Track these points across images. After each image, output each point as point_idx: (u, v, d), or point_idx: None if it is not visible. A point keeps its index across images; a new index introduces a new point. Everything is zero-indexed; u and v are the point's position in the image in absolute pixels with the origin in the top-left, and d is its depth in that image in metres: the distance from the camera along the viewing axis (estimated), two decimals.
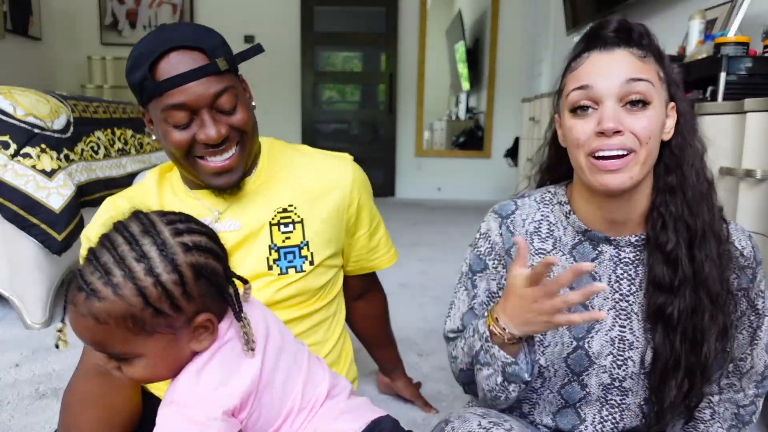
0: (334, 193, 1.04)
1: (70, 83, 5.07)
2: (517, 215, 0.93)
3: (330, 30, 5.48)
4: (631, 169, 0.78)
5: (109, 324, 0.64)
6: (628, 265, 0.88)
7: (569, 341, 0.88)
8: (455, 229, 3.90)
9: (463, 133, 6.31)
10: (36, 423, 1.35)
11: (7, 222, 1.86)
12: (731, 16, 1.97)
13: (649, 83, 0.78)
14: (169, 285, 0.65)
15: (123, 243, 0.66)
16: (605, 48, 0.81)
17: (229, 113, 0.91)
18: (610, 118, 0.77)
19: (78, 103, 2.25)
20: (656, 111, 0.79)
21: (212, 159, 0.92)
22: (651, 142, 0.78)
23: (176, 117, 0.88)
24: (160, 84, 0.87)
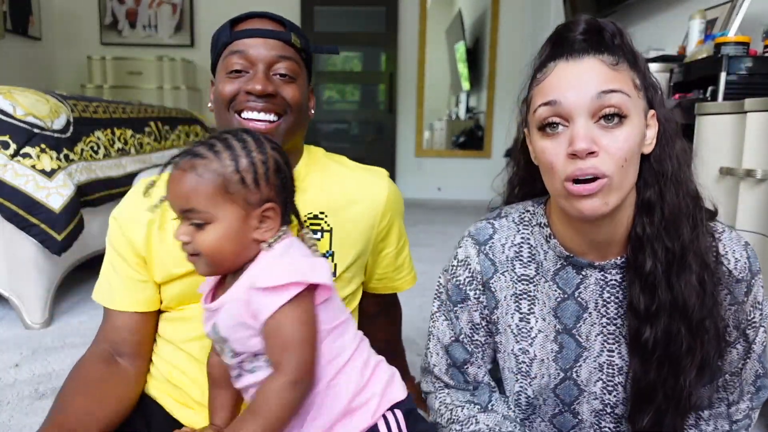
0: (367, 208, 1.02)
1: (70, 83, 5.06)
2: (495, 240, 0.87)
3: (330, 30, 5.48)
4: (607, 195, 0.71)
5: (203, 178, 0.74)
6: (615, 288, 0.82)
7: (556, 372, 0.84)
8: (455, 229, 3.90)
9: (463, 133, 6.31)
10: (36, 423, 1.35)
11: (6, 222, 1.86)
12: (731, 15, 1.97)
13: (624, 94, 0.71)
14: (257, 161, 0.77)
15: (228, 135, 0.78)
16: (572, 56, 0.73)
17: (285, 82, 0.92)
18: (582, 138, 0.69)
19: (78, 103, 2.25)
20: (634, 125, 0.71)
21: (249, 114, 0.90)
22: (628, 163, 0.71)
23: (233, 63, 0.90)
24: (236, 32, 0.92)
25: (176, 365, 0.94)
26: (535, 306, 0.85)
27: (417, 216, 4.45)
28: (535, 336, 0.85)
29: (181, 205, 0.76)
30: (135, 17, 5.25)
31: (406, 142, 5.61)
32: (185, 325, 0.94)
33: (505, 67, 5.42)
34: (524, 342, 0.85)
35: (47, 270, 1.97)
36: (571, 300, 0.83)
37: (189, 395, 0.92)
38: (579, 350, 0.84)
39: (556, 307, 0.84)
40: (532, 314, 0.85)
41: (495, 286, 0.86)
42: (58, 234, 1.85)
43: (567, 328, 0.84)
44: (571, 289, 0.83)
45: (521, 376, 0.86)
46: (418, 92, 5.55)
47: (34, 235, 1.85)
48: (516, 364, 0.86)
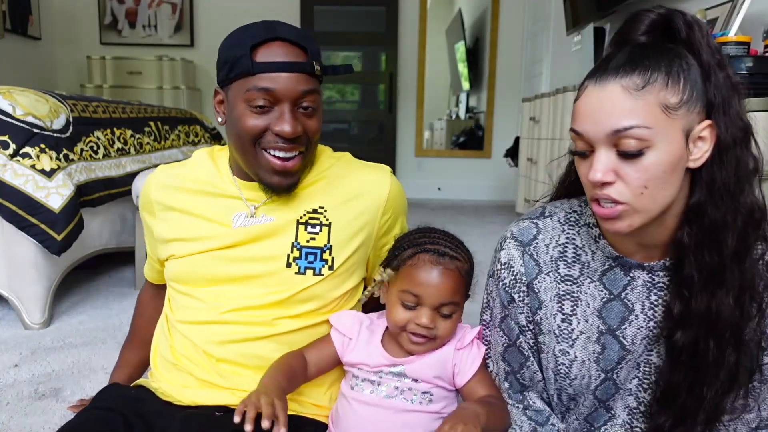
0: (369, 203, 1.03)
1: (70, 83, 5.06)
2: (539, 240, 0.86)
3: (330, 30, 5.48)
4: (627, 218, 0.72)
5: (462, 277, 0.92)
6: (663, 290, 0.81)
7: (597, 374, 0.84)
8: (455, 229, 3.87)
9: (463, 132, 6.30)
10: (35, 423, 1.34)
11: (6, 222, 1.85)
12: (732, 15, 1.97)
13: (642, 128, 0.68)
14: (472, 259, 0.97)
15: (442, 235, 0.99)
16: (599, 80, 0.71)
17: (307, 115, 0.93)
18: (597, 170, 0.71)
19: (77, 103, 2.25)
20: (661, 150, 0.69)
21: (277, 153, 0.92)
22: (649, 190, 0.70)
23: (260, 100, 0.90)
24: (257, 65, 0.89)
25: (179, 350, 0.98)
26: (577, 307, 0.85)
27: (417, 216, 4.43)
28: (577, 337, 0.85)
29: (445, 300, 0.90)
30: (135, 17, 5.25)
31: (406, 142, 5.60)
32: (188, 307, 0.99)
33: (505, 67, 5.42)
34: (565, 343, 0.86)
35: (47, 270, 1.96)
36: (617, 301, 0.83)
37: (192, 375, 0.96)
38: (623, 353, 0.83)
39: (601, 308, 0.84)
40: (574, 315, 0.85)
41: (539, 287, 0.87)
42: (57, 234, 1.85)
43: (611, 329, 0.84)
44: (618, 290, 0.83)
45: (560, 377, 0.86)
46: (418, 92, 5.54)
47: (33, 235, 1.85)
48: (555, 365, 0.86)
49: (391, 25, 5.39)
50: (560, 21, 3.99)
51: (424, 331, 0.90)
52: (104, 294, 2.30)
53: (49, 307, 2.00)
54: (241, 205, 1.00)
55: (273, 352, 0.96)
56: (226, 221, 0.99)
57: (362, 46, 5.75)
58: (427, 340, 0.91)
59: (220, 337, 0.96)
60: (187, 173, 1.05)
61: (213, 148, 1.10)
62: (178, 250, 1.00)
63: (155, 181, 1.07)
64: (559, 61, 4.37)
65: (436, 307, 0.90)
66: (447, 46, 6.88)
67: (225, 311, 0.96)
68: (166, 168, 1.09)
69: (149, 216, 1.07)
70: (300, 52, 0.92)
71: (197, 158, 1.08)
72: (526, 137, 3.79)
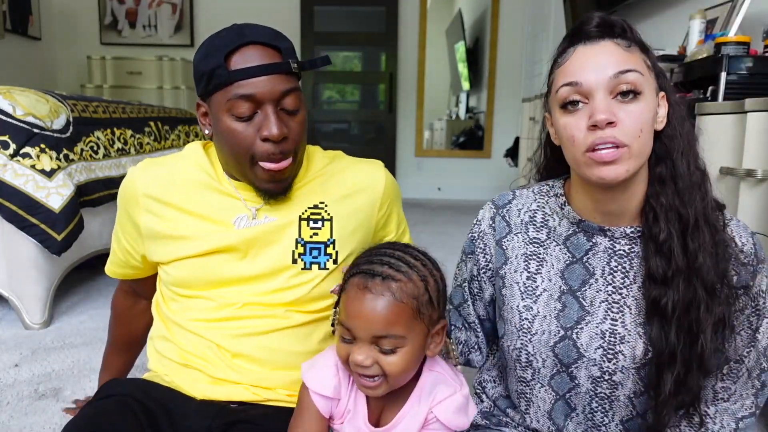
0: (366, 197, 1.05)
1: (70, 83, 5.06)
2: (512, 205, 0.96)
3: (330, 30, 5.48)
4: (626, 162, 0.78)
5: (402, 302, 0.76)
6: (623, 258, 0.87)
7: (556, 329, 0.88)
8: (455, 229, 3.89)
9: (463, 133, 6.31)
10: (35, 423, 1.35)
11: (6, 222, 1.85)
12: (732, 15, 1.97)
13: (638, 73, 0.78)
14: (438, 279, 0.83)
15: (395, 250, 0.82)
16: (590, 41, 0.81)
17: (291, 114, 0.93)
18: (602, 110, 0.76)
19: (77, 103, 2.25)
20: (647, 100, 0.79)
21: (270, 166, 0.92)
22: (644, 133, 0.78)
23: (241, 108, 0.89)
24: (233, 73, 0.88)
25: (188, 349, 0.98)
26: (542, 267, 0.92)
27: (417, 216, 4.45)
28: (540, 294, 0.91)
29: (378, 332, 0.76)
30: (135, 17, 5.25)
31: (406, 142, 5.60)
32: (198, 308, 0.99)
33: (505, 67, 5.42)
34: (529, 299, 0.91)
35: (47, 270, 1.97)
36: (579, 264, 0.89)
37: (203, 372, 0.96)
38: (581, 313, 0.88)
39: (564, 269, 0.90)
40: (539, 274, 0.92)
41: (507, 245, 0.95)
42: (57, 234, 1.85)
43: (572, 289, 0.89)
44: (581, 254, 0.89)
45: (523, 332, 0.91)
46: (418, 92, 5.54)
47: (33, 235, 1.85)
48: (519, 320, 0.92)
49: (391, 25, 5.39)
50: (560, 21, 3.99)
51: (360, 370, 0.77)
52: (104, 294, 2.30)
53: (49, 307, 2.00)
54: (241, 207, 0.99)
55: (289, 345, 0.97)
56: (228, 222, 0.98)
57: (362, 46, 5.75)
58: (378, 380, 0.78)
59: (235, 331, 0.96)
60: (180, 167, 1.03)
61: (205, 143, 1.07)
62: (177, 251, 0.99)
63: (142, 175, 1.02)
64: None
65: (371, 342, 0.77)
66: (447, 46, 6.88)
67: (239, 306, 0.97)
68: (154, 161, 1.05)
69: (134, 210, 1.02)
70: (274, 53, 0.91)
71: (190, 151, 1.05)
72: (526, 137, 3.79)
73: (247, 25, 0.93)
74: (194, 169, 1.02)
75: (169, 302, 1.04)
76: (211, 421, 0.91)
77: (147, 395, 0.94)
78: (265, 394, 0.96)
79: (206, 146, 1.06)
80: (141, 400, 0.93)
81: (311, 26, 5.33)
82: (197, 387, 0.96)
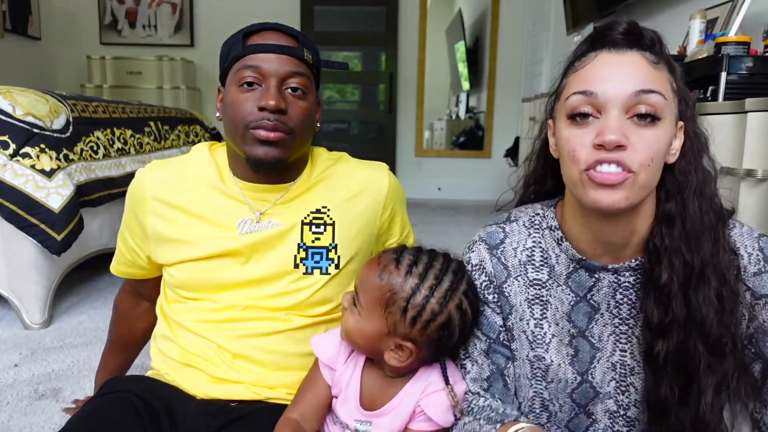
0: (369, 201, 1.05)
1: (70, 83, 5.06)
2: (507, 244, 0.86)
3: (330, 30, 5.48)
4: (628, 190, 0.69)
5: (380, 281, 0.81)
6: (629, 290, 0.80)
7: (573, 377, 0.83)
8: (455, 229, 3.89)
9: (463, 132, 6.30)
10: (35, 423, 1.34)
11: (6, 222, 1.85)
12: (732, 15, 1.97)
13: (661, 96, 0.69)
14: (428, 308, 0.79)
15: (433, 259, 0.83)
16: (615, 48, 0.72)
17: (296, 97, 0.94)
18: (614, 130, 0.68)
19: (77, 103, 2.25)
20: (665, 129, 0.70)
21: (261, 133, 0.93)
22: (654, 163, 0.70)
23: (247, 75, 0.92)
24: (248, 47, 0.93)
25: (190, 349, 0.98)
26: (547, 311, 0.84)
27: (417, 216, 4.45)
28: (549, 341, 0.84)
29: (357, 286, 0.85)
30: (135, 17, 5.25)
31: (406, 142, 5.60)
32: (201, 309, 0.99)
33: (505, 67, 5.42)
34: (539, 348, 0.84)
35: (47, 270, 1.96)
36: (584, 302, 0.83)
37: (204, 372, 0.97)
38: (593, 351, 0.83)
39: (570, 311, 0.83)
40: (545, 319, 0.84)
41: (509, 291, 0.85)
42: (57, 234, 1.85)
43: (581, 330, 0.83)
44: (584, 292, 0.82)
45: (536, 381, 0.84)
46: (418, 92, 5.54)
47: (33, 235, 1.84)
48: (531, 371, 0.85)
49: (391, 25, 5.39)
50: (560, 21, 3.99)
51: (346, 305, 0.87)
52: (104, 294, 2.30)
53: (49, 307, 2.00)
54: (246, 210, 0.99)
55: (289, 347, 0.98)
56: (232, 226, 0.99)
57: (362, 46, 5.74)
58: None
59: (236, 332, 0.97)
60: (187, 169, 1.04)
61: (212, 144, 1.09)
62: (182, 254, 0.99)
63: (151, 177, 1.03)
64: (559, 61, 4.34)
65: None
66: (447, 46, 6.88)
67: (240, 309, 0.98)
68: (162, 163, 1.06)
69: (141, 212, 1.03)
70: (292, 40, 0.95)
71: (197, 153, 1.06)
72: (526, 137, 3.79)
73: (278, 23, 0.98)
74: (201, 170, 1.03)
75: (172, 303, 1.04)
76: (211, 420, 0.91)
77: (149, 392, 0.95)
78: (266, 392, 0.97)
79: (212, 147, 1.07)
80: (143, 397, 0.93)
81: (311, 26, 5.33)
82: (198, 386, 0.97)
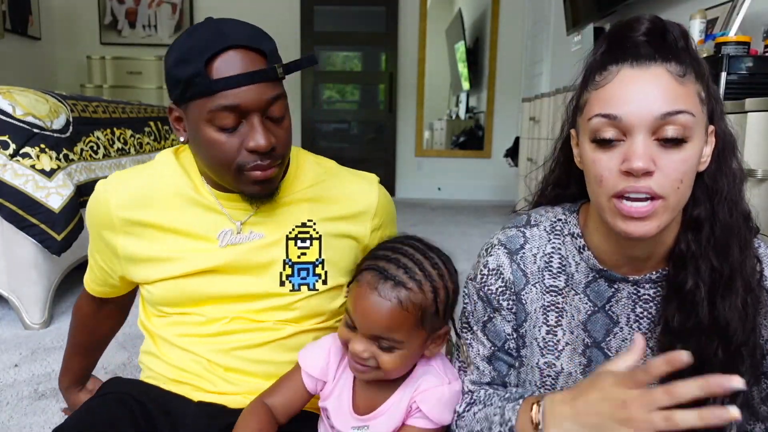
0: (357, 215, 0.99)
1: (70, 83, 5.06)
2: (527, 250, 0.83)
3: (330, 30, 5.48)
4: (659, 217, 0.67)
5: (407, 311, 0.77)
6: (648, 303, 0.79)
7: None
8: (455, 229, 3.89)
9: (463, 132, 6.31)
10: (35, 423, 1.34)
11: (6, 222, 1.85)
12: (732, 15, 1.97)
13: (689, 115, 0.65)
14: (450, 291, 0.81)
15: (415, 252, 0.81)
16: (638, 62, 0.67)
17: (277, 122, 0.86)
18: (640, 157, 0.64)
19: (77, 103, 2.25)
20: (694, 147, 0.66)
21: (257, 173, 0.86)
22: (684, 183, 0.67)
23: (225, 119, 0.81)
24: (215, 82, 0.79)
25: (179, 365, 0.95)
26: (562, 318, 0.82)
27: (417, 216, 4.45)
28: (562, 349, 0.82)
29: (378, 333, 0.78)
30: (135, 17, 5.25)
31: (406, 142, 5.60)
32: (186, 323, 0.96)
33: (505, 67, 5.42)
34: (550, 355, 0.83)
35: (47, 270, 1.96)
36: (602, 313, 0.81)
37: (197, 387, 0.94)
38: None
39: (586, 321, 0.81)
40: (560, 326, 0.82)
41: (526, 298, 0.83)
42: (57, 234, 1.85)
43: (596, 341, 0.81)
44: (602, 302, 0.81)
45: (545, 388, 0.83)
46: (418, 92, 5.54)
47: (33, 235, 1.84)
48: (540, 378, 0.84)
49: (391, 25, 5.39)
50: (560, 21, 3.99)
51: (356, 358, 0.79)
52: None
53: (49, 307, 2.00)
54: (225, 221, 0.93)
55: (281, 356, 0.94)
56: (212, 238, 0.93)
57: (362, 46, 5.75)
58: (369, 368, 0.80)
59: (224, 345, 0.93)
60: (155, 183, 0.95)
61: (177, 149, 0.99)
62: (161, 273, 0.93)
63: (116, 197, 0.94)
64: (559, 61, 4.37)
65: (371, 338, 0.78)
66: (447, 46, 6.89)
67: (227, 321, 0.94)
68: (124, 177, 0.97)
69: (109, 233, 0.95)
70: (257, 57, 0.82)
71: (164, 163, 0.97)
72: (526, 137, 3.79)
73: (224, 21, 0.84)
74: (171, 182, 0.94)
75: (152, 318, 0.99)
76: (211, 421, 0.90)
77: (147, 395, 0.93)
78: None
79: (178, 153, 0.98)
80: (140, 399, 0.92)
81: (311, 26, 5.33)
82: (193, 395, 0.94)
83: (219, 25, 0.83)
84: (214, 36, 0.81)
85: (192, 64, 0.79)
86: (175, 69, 0.82)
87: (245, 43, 0.82)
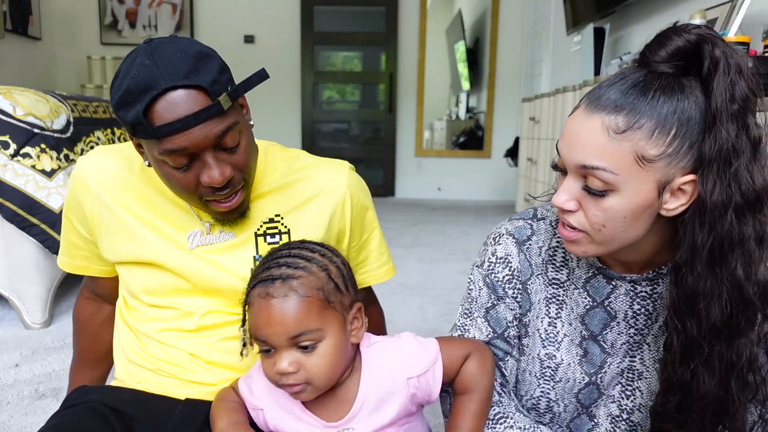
0: (325, 203, 0.97)
1: (70, 83, 5.06)
2: (533, 241, 0.86)
3: (330, 30, 5.48)
4: (585, 246, 0.72)
5: (308, 296, 0.74)
6: (645, 299, 0.81)
7: (581, 377, 0.84)
8: (455, 229, 3.90)
9: (463, 133, 6.31)
10: (35, 423, 1.35)
11: (6, 222, 1.86)
12: (731, 15, 1.97)
13: (609, 173, 0.65)
14: (340, 265, 0.81)
15: (289, 249, 0.80)
16: (589, 107, 0.68)
17: (232, 150, 0.83)
18: (561, 195, 0.71)
19: (78, 103, 2.25)
20: (625, 197, 0.67)
21: (219, 206, 0.87)
22: (608, 229, 0.69)
23: (177, 160, 0.80)
24: (158, 129, 0.77)
25: (160, 357, 0.94)
26: (562, 311, 0.85)
27: (417, 216, 4.45)
28: (562, 340, 0.85)
29: (290, 333, 0.74)
30: (135, 17, 5.25)
31: (406, 142, 5.61)
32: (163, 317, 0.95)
33: (505, 67, 5.42)
34: (551, 346, 0.85)
35: (47, 270, 1.97)
36: (600, 308, 0.83)
37: (183, 379, 0.92)
38: (603, 356, 0.84)
39: (584, 314, 0.84)
40: (559, 318, 0.85)
41: (531, 289, 0.86)
42: (58, 234, 1.85)
43: (593, 334, 0.84)
44: (601, 298, 0.83)
45: (545, 380, 0.85)
46: (418, 92, 5.55)
47: (34, 235, 1.85)
48: (541, 369, 0.86)
49: (391, 25, 5.40)
50: (560, 21, 3.99)
51: (284, 380, 0.75)
52: None
53: (50, 307, 2.00)
54: (195, 222, 0.93)
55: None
56: (182, 239, 0.93)
57: (362, 46, 5.75)
58: (302, 385, 0.75)
59: (205, 339, 0.92)
60: (135, 164, 0.95)
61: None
62: (130, 251, 0.93)
63: (93, 168, 0.94)
64: (559, 61, 4.37)
65: (289, 346, 0.74)
66: (447, 46, 6.88)
67: (202, 315, 0.93)
68: (106, 152, 0.97)
69: (85, 198, 0.95)
70: (198, 94, 0.78)
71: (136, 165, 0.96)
72: (526, 137, 3.79)
73: (158, 54, 0.78)
74: (148, 170, 0.94)
75: (131, 312, 0.98)
76: (200, 425, 0.87)
77: (121, 401, 0.89)
78: None
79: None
80: (114, 406, 0.87)
81: (311, 26, 5.33)
82: (176, 392, 0.92)
83: (156, 61, 0.78)
84: (148, 78, 0.76)
85: (132, 109, 0.77)
86: (118, 111, 0.80)
87: (182, 83, 0.77)
